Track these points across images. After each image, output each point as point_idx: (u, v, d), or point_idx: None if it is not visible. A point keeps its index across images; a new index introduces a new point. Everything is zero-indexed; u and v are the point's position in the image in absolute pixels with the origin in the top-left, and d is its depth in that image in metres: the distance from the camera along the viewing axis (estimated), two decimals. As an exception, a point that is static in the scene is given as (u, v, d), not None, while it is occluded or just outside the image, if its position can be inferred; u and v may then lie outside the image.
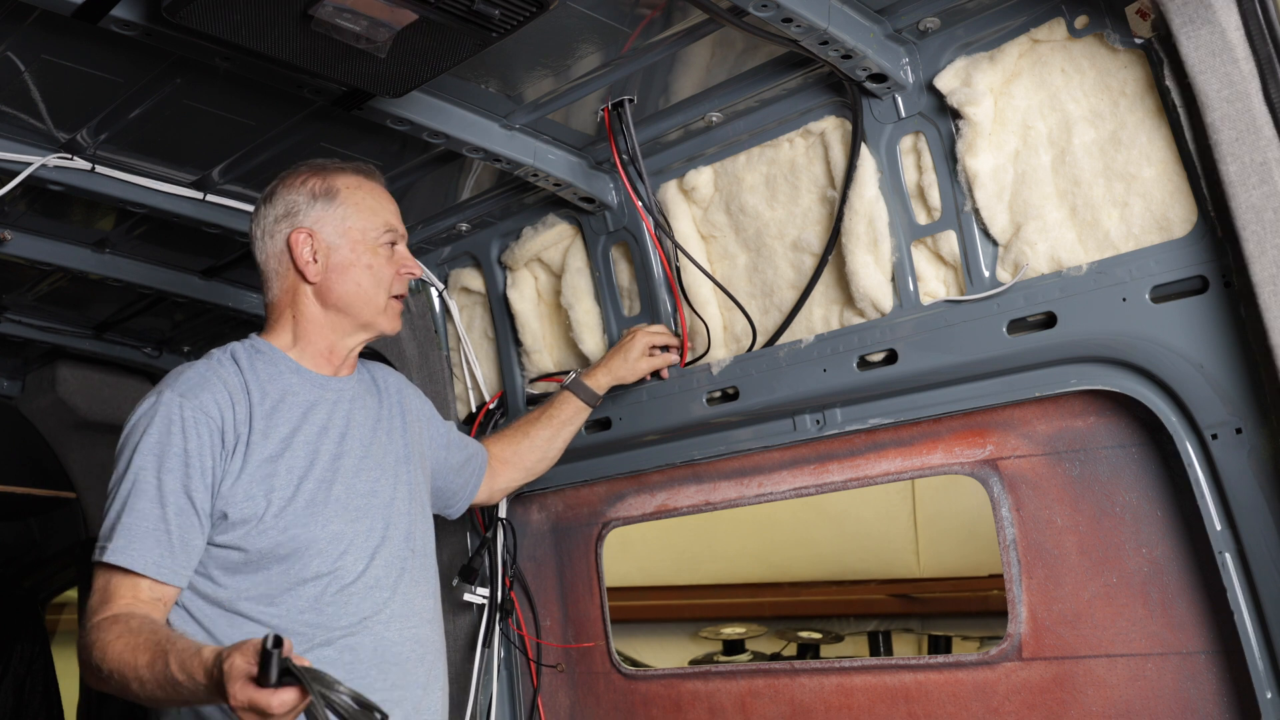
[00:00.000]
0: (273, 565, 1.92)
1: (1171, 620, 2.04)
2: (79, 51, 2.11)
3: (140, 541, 1.83)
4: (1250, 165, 1.71)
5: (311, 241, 2.06)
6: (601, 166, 2.63)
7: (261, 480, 1.93)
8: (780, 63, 2.25)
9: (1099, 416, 2.12)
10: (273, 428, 1.98)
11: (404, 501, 2.14)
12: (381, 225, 2.12)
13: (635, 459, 2.77)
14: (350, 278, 2.08)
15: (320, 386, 2.10)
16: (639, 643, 6.53)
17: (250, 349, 2.08)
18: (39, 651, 4.74)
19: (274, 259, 2.10)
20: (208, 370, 2.00)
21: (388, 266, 2.12)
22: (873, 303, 2.29)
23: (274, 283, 2.12)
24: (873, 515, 6.44)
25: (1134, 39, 1.92)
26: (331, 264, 2.07)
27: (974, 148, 2.10)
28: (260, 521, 1.91)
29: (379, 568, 2.02)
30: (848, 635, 6.47)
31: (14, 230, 2.84)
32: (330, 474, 2.02)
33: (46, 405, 4.01)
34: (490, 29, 1.85)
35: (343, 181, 2.11)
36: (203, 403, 1.93)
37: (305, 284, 2.08)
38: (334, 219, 2.08)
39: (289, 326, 2.11)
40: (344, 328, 2.12)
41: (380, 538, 2.04)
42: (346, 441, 2.08)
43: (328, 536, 1.96)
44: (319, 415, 2.06)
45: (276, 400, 2.01)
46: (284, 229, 2.08)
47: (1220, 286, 1.85)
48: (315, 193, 2.09)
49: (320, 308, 2.09)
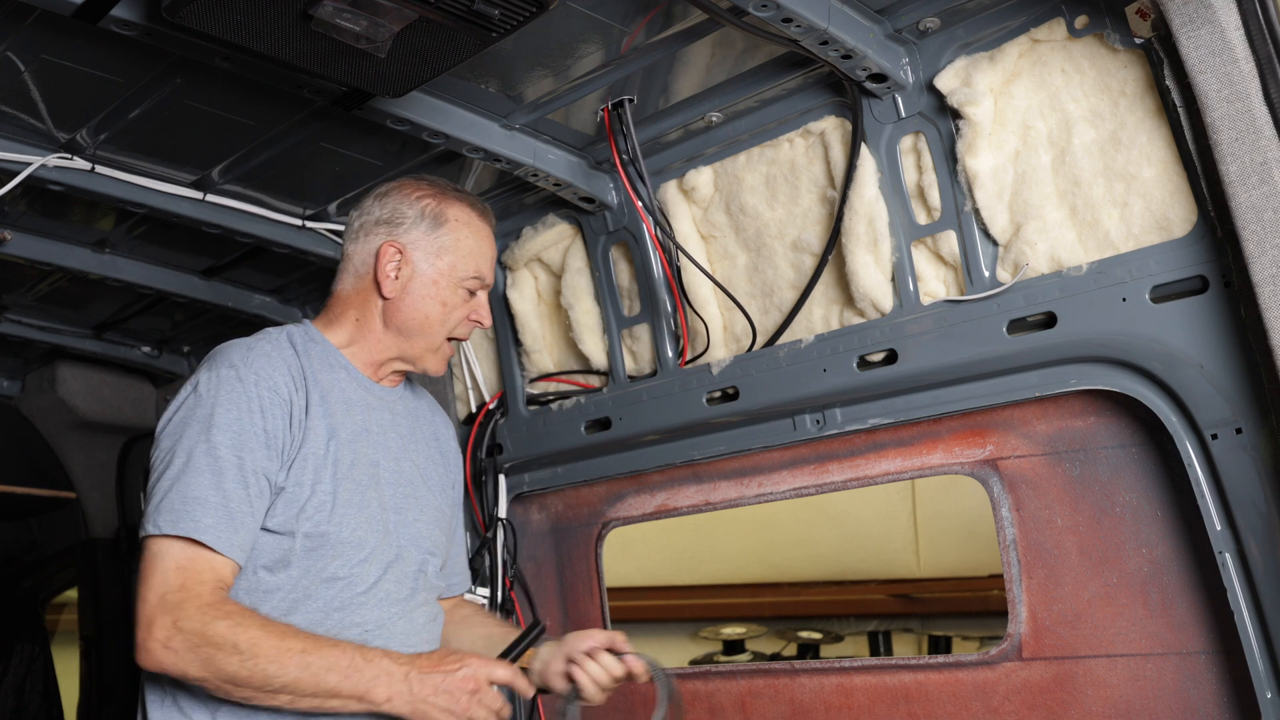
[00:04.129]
0: (303, 558, 1.89)
1: (1171, 620, 2.04)
2: (79, 51, 2.11)
3: (230, 523, 1.79)
4: (1250, 165, 1.71)
5: (399, 258, 2.03)
6: (601, 166, 2.63)
7: (312, 469, 1.92)
8: (780, 63, 2.25)
9: (1099, 416, 2.12)
10: (319, 419, 1.95)
11: (426, 526, 2.11)
12: (472, 268, 2.07)
13: (635, 459, 2.77)
14: (420, 309, 2.04)
15: (366, 390, 2.07)
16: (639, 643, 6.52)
17: (305, 336, 2.04)
18: (39, 651, 4.73)
19: (359, 257, 2.07)
20: (273, 350, 1.96)
21: (460, 309, 2.08)
22: (873, 303, 2.29)
23: (349, 279, 2.08)
24: (873, 515, 6.44)
25: (1134, 39, 1.92)
26: (408, 287, 2.03)
27: (974, 148, 2.10)
28: (304, 507, 1.89)
29: (390, 582, 2.00)
30: (848, 635, 6.48)
31: (14, 230, 2.84)
32: (368, 479, 2.00)
33: (46, 405, 4.01)
34: (490, 29, 1.85)
35: (454, 211, 2.07)
36: (275, 383, 1.90)
37: (377, 296, 2.05)
38: (430, 245, 2.04)
39: (348, 326, 2.07)
40: (394, 350, 2.08)
41: (395, 554, 2.02)
42: (383, 450, 2.06)
43: (355, 541, 1.95)
44: (360, 416, 2.03)
45: (325, 391, 1.98)
46: (381, 234, 2.05)
47: (1220, 286, 1.85)
48: (424, 212, 2.05)
49: (382, 322, 2.06)
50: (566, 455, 2.82)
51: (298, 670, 1.72)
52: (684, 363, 2.63)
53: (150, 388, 4.06)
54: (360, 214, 2.09)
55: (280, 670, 1.71)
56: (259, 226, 2.82)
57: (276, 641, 1.73)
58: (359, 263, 2.07)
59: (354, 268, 2.08)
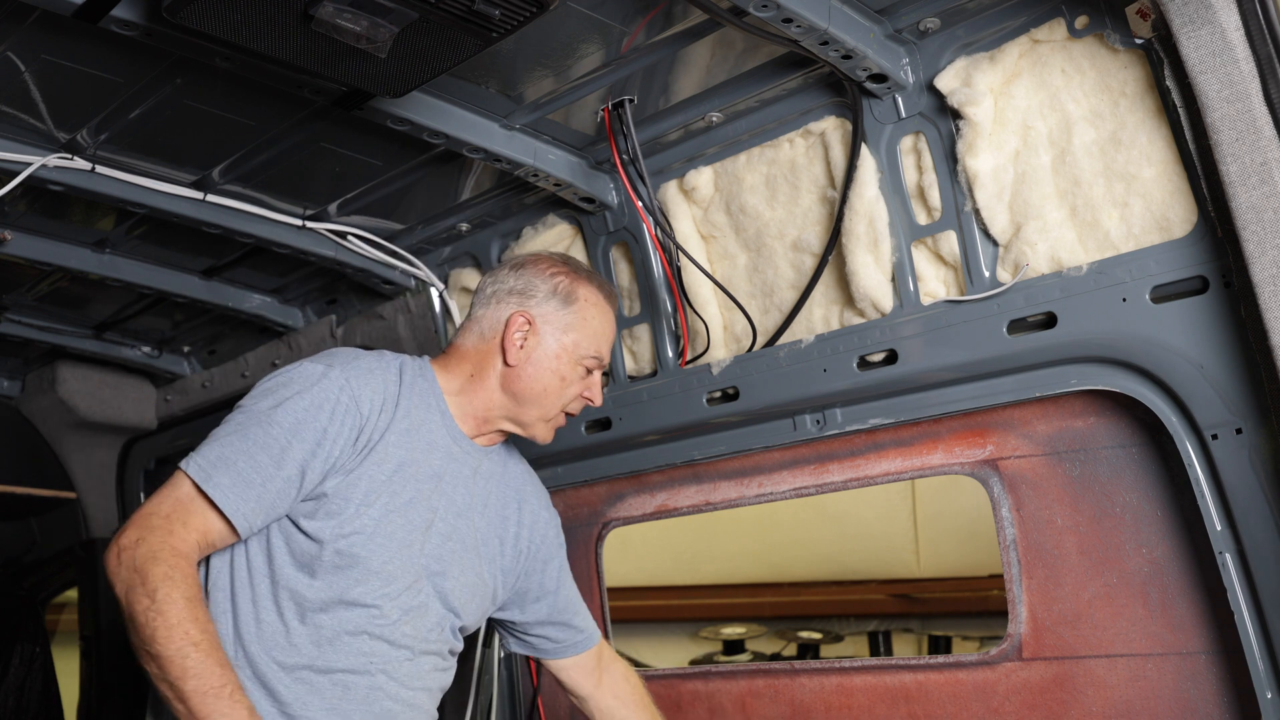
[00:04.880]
0: (328, 573, 1.92)
1: (1171, 620, 2.04)
2: (79, 51, 2.11)
3: (243, 490, 1.83)
4: (1250, 165, 1.71)
5: (528, 329, 2.09)
6: (602, 166, 2.63)
7: (365, 489, 1.94)
8: (780, 63, 2.25)
9: (1099, 416, 2.12)
10: (395, 447, 1.98)
11: (463, 591, 2.11)
12: (594, 349, 2.14)
13: (635, 459, 2.77)
14: (540, 380, 2.10)
15: (454, 439, 2.11)
16: (639, 643, 6.53)
17: (417, 371, 2.10)
18: (39, 651, 4.73)
19: (488, 321, 2.13)
20: (378, 367, 2.02)
21: (576, 385, 2.14)
22: (873, 303, 2.29)
23: (475, 339, 2.14)
24: (873, 515, 6.44)
25: (1134, 39, 1.92)
26: (532, 357, 2.09)
27: (974, 148, 2.10)
28: (342, 523, 1.92)
29: (409, 625, 2.01)
30: (848, 635, 6.48)
31: (14, 230, 2.84)
32: (422, 522, 2.02)
33: (46, 405, 4.01)
34: (490, 29, 1.85)
35: (585, 292, 2.14)
36: (359, 395, 1.95)
37: (500, 361, 2.10)
38: (559, 321, 2.11)
39: (462, 378, 2.12)
40: (506, 411, 2.13)
41: (421, 602, 2.03)
42: (447, 501, 2.08)
43: (384, 573, 1.96)
44: (438, 462, 2.06)
45: (413, 426, 2.02)
46: (513, 303, 2.12)
47: (1220, 286, 1.85)
48: (557, 289, 2.12)
49: (499, 385, 2.11)
50: (566, 455, 2.82)
51: (175, 653, 1.69)
52: (684, 363, 2.63)
53: (150, 388, 4.06)
54: (494, 281, 2.17)
55: (164, 642, 1.69)
56: (259, 226, 2.82)
57: (181, 617, 1.71)
58: (487, 326, 2.13)
59: (480, 329, 2.14)
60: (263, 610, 1.91)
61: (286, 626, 1.91)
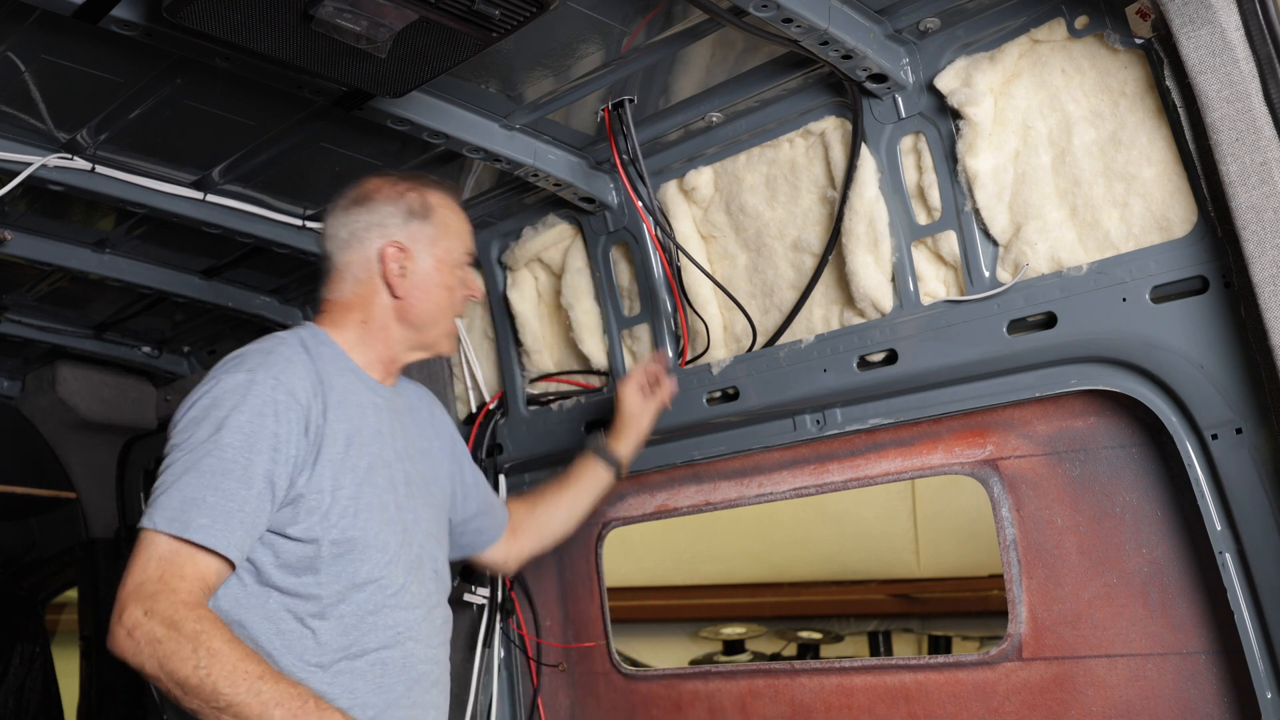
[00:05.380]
0: (331, 565, 1.90)
1: (1171, 620, 2.04)
2: (79, 51, 2.11)
3: (225, 522, 1.78)
4: (1250, 165, 1.71)
5: (403, 256, 2.07)
6: (601, 166, 2.63)
7: (331, 475, 1.93)
8: (780, 63, 2.25)
9: (1099, 416, 2.12)
10: (338, 423, 1.96)
11: (431, 524, 2.14)
12: (464, 249, 2.16)
13: (636, 459, 2.77)
14: (431, 299, 2.10)
15: (374, 391, 2.09)
16: (639, 643, 6.52)
17: (315, 340, 2.05)
18: (39, 651, 4.73)
19: (360, 262, 2.09)
20: (291, 355, 1.97)
21: (460, 289, 2.16)
22: (873, 303, 2.29)
23: (349, 285, 2.10)
24: (873, 515, 6.44)
25: (1134, 39, 1.92)
26: (417, 283, 2.09)
27: (974, 148, 2.10)
28: (327, 514, 1.91)
29: (415, 584, 2.03)
30: (848, 635, 6.47)
31: (14, 230, 2.84)
32: (385, 481, 2.02)
33: (46, 405, 4.01)
34: (490, 29, 1.85)
35: (435, 199, 2.13)
36: (292, 388, 1.90)
37: (388, 296, 2.08)
38: (426, 237, 2.10)
39: (355, 328, 2.09)
40: (409, 342, 2.13)
41: (416, 557, 2.05)
42: (393, 451, 2.08)
43: (379, 543, 1.96)
44: (373, 419, 2.05)
45: (341, 395, 1.99)
46: (376, 238, 2.08)
47: (1220, 286, 1.85)
48: (413, 209, 2.10)
49: (395, 320, 2.10)
50: (566, 455, 2.81)
51: (247, 694, 1.68)
52: (684, 363, 2.63)
53: (150, 388, 4.06)
54: (344, 223, 2.11)
55: (230, 688, 1.67)
56: (259, 226, 2.82)
57: (236, 659, 1.69)
58: (359, 269, 2.09)
59: (353, 274, 2.10)
60: (281, 622, 1.88)
61: (310, 629, 1.89)
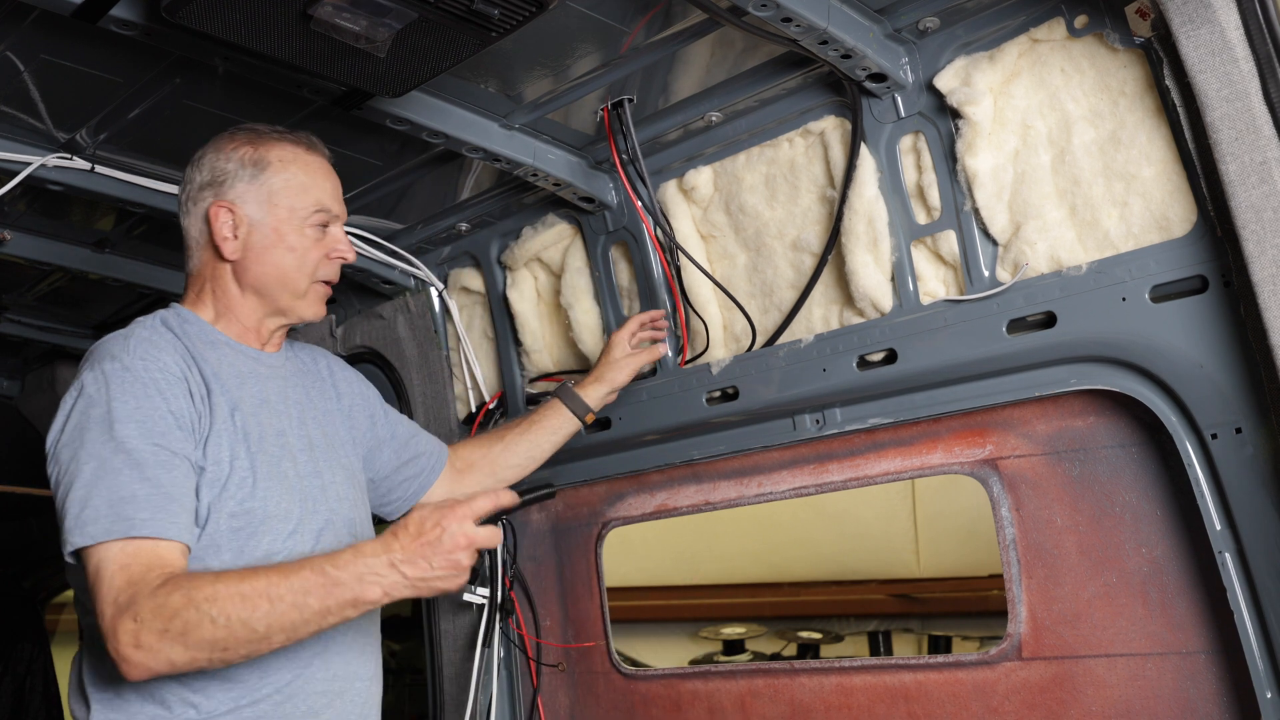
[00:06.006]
0: (230, 540, 1.82)
1: (1171, 620, 2.04)
2: (79, 51, 2.11)
3: (165, 508, 1.69)
4: (1250, 165, 1.71)
5: (231, 217, 1.94)
6: (601, 166, 2.63)
7: (227, 444, 1.84)
8: (780, 62, 2.25)
9: (1099, 416, 2.12)
10: (219, 394, 1.87)
11: (344, 486, 2.06)
12: (312, 204, 1.97)
13: (635, 459, 2.77)
14: (270, 259, 1.95)
15: (253, 360, 1.99)
16: (639, 643, 6.52)
17: (179, 318, 1.95)
18: (39, 651, 4.74)
19: (195, 229, 1.98)
20: (151, 334, 1.87)
21: (315, 249, 1.99)
22: (872, 302, 2.28)
23: (193, 254, 2.00)
24: (873, 515, 6.43)
25: (1134, 39, 1.92)
26: (250, 242, 1.95)
27: (974, 147, 2.10)
28: (225, 486, 1.82)
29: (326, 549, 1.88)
30: (848, 635, 6.47)
31: (14, 230, 2.84)
32: (278, 450, 1.93)
33: (46, 405, 4.00)
34: (490, 29, 1.85)
35: (276, 153, 1.97)
36: (165, 363, 1.81)
37: (222, 261, 1.96)
38: (259, 193, 1.94)
39: (209, 301, 1.99)
40: (263, 309, 2.00)
41: (324, 521, 1.95)
42: (285, 419, 1.99)
43: (279, 513, 1.87)
44: (255, 388, 1.96)
45: (215, 368, 1.90)
46: (206, 199, 1.95)
47: (1220, 286, 1.85)
48: (244, 161, 1.95)
49: (237, 287, 1.97)
50: (566, 455, 2.82)
51: (269, 608, 1.60)
52: (684, 363, 2.63)
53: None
54: (184, 186, 2.00)
55: (253, 614, 1.60)
56: (259, 226, 2.82)
57: (236, 588, 1.61)
58: (196, 234, 1.98)
59: (193, 240, 1.99)
60: None
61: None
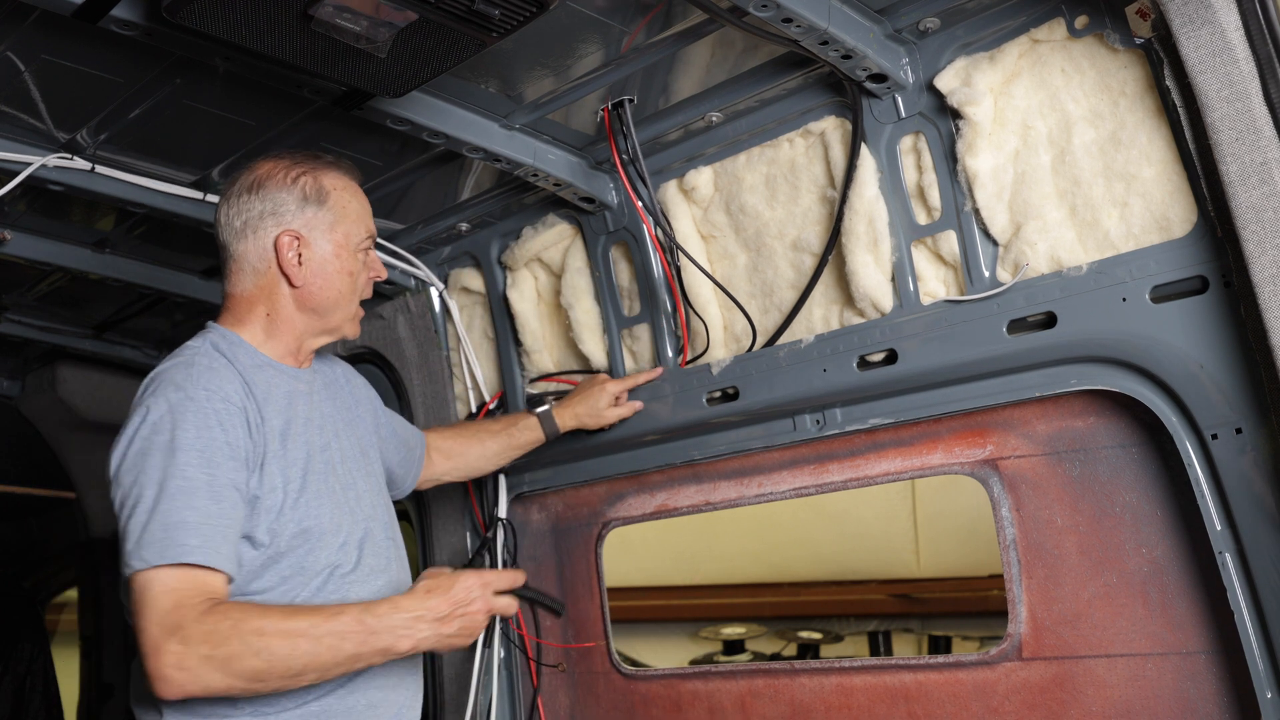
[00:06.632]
0: (286, 557, 1.92)
1: (1171, 620, 2.04)
2: (79, 51, 2.11)
3: (210, 535, 1.78)
4: (1250, 165, 1.71)
5: (298, 244, 2.04)
6: (601, 166, 2.63)
7: (279, 470, 1.95)
8: (780, 63, 2.25)
9: (1099, 416, 2.12)
10: (272, 419, 1.97)
11: (375, 494, 2.18)
12: (365, 232, 2.12)
13: (635, 459, 2.77)
14: (332, 286, 2.08)
15: (294, 378, 2.09)
16: (639, 643, 6.53)
17: (227, 342, 2.03)
18: (39, 651, 4.74)
19: (256, 254, 2.05)
20: (208, 362, 1.96)
21: (363, 273, 2.14)
22: (873, 303, 2.29)
23: (249, 277, 2.07)
24: (873, 515, 6.44)
25: (1134, 39, 1.92)
26: (315, 270, 2.06)
27: (974, 148, 2.10)
28: (280, 512, 1.92)
29: (370, 558, 2.06)
30: (848, 635, 6.47)
31: (14, 230, 2.84)
32: (324, 465, 2.05)
33: (46, 405, 4.01)
34: (490, 29, 1.85)
35: (331, 182, 2.09)
36: (225, 393, 1.90)
37: (287, 286, 2.06)
38: (323, 223, 2.06)
39: (260, 322, 2.07)
40: (314, 329, 2.11)
41: (364, 530, 2.07)
42: (326, 433, 2.10)
43: (333, 528, 2.00)
44: (301, 407, 2.07)
45: (265, 392, 2.00)
46: (270, 227, 2.04)
47: (1220, 286, 1.85)
48: (306, 194, 2.05)
49: (296, 308, 2.07)
50: (566, 455, 2.82)
51: (310, 648, 1.75)
52: (684, 363, 2.63)
53: (150, 388, 4.06)
54: (239, 211, 2.06)
55: (293, 652, 1.74)
56: (259, 226, 2.82)
57: (281, 625, 1.75)
58: (257, 260, 2.06)
59: (251, 265, 2.06)
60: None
61: None
